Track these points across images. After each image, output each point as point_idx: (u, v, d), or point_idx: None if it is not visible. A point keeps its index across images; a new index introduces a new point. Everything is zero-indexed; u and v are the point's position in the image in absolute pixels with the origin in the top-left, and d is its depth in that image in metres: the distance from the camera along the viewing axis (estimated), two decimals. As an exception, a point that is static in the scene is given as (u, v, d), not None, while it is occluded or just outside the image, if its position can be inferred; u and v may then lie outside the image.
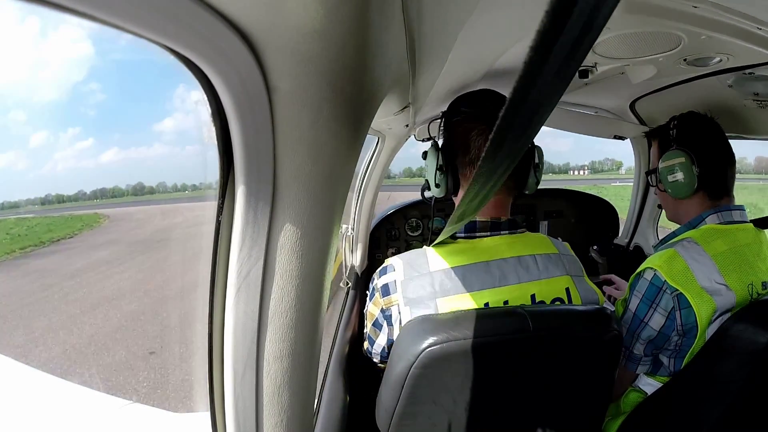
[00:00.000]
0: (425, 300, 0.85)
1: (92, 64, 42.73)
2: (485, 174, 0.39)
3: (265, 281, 0.48)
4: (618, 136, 1.87)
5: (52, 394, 1.45)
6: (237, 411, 0.52)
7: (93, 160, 40.43)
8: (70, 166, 31.08)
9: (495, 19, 0.76)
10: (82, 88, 50.65)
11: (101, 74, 43.04)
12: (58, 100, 31.45)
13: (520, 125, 0.31)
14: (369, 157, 1.75)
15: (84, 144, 41.06)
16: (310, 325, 0.52)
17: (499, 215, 0.93)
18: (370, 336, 0.98)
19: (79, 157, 37.26)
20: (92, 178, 28.47)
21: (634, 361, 1.04)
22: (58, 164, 31.02)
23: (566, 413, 0.91)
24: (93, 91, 50.74)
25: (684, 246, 1.01)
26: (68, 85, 39.38)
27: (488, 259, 0.88)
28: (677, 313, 0.96)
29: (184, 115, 66.60)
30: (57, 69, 27.00)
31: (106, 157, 42.05)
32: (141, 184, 17.24)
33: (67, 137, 37.62)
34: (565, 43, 0.22)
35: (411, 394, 0.78)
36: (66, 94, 37.22)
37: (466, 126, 0.90)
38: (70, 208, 17.91)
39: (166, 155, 46.87)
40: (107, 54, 26.16)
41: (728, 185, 1.08)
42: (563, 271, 0.91)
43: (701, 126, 1.10)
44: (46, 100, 27.50)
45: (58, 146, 29.58)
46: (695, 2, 0.77)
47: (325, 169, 0.47)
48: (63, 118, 28.40)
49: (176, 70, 0.37)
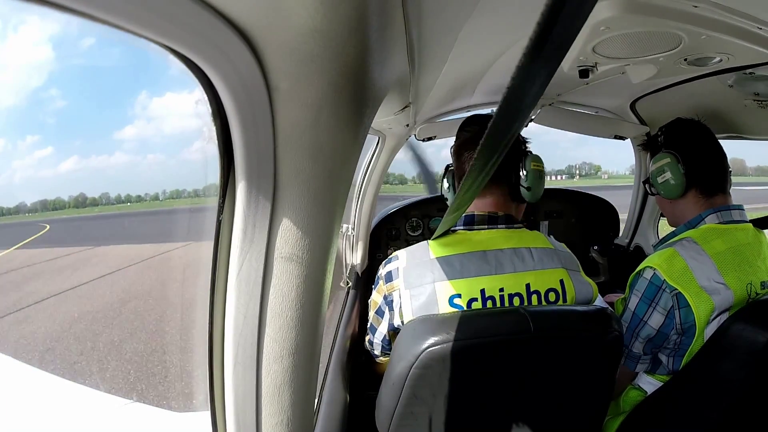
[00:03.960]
0: (424, 284, 0.89)
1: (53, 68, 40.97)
2: (478, 168, 0.46)
3: (265, 281, 0.48)
4: (618, 136, 1.87)
5: (52, 393, 1.45)
6: (237, 411, 0.52)
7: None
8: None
9: (494, 19, 0.76)
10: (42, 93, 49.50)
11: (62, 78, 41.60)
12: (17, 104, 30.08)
13: (509, 120, 0.36)
14: (369, 157, 1.75)
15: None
16: (310, 325, 0.52)
17: (496, 210, 0.98)
18: (372, 325, 1.01)
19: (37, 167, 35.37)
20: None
21: (633, 360, 1.04)
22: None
23: (567, 413, 0.91)
24: (53, 97, 49.80)
25: (683, 245, 1.01)
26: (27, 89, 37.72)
27: (485, 249, 0.92)
28: (676, 312, 0.97)
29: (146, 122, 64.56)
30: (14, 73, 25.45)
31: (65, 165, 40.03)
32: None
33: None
34: (549, 48, 0.26)
35: (411, 395, 0.78)
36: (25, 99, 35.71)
37: (470, 157, 1.01)
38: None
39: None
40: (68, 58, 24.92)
41: (721, 181, 1.09)
42: (558, 264, 0.94)
43: (685, 128, 1.13)
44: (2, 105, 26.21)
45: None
46: (695, 2, 0.77)
47: (325, 169, 0.47)
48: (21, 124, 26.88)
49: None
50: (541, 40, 0.25)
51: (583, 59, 1.12)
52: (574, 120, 1.83)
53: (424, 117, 1.53)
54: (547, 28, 0.24)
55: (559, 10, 0.23)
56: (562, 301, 0.92)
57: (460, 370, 0.78)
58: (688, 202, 1.11)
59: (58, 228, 7.61)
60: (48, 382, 1.63)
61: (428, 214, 2.15)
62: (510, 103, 0.33)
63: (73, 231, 14.02)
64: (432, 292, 0.88)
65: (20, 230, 5.42)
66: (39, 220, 7.18)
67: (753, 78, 1.17)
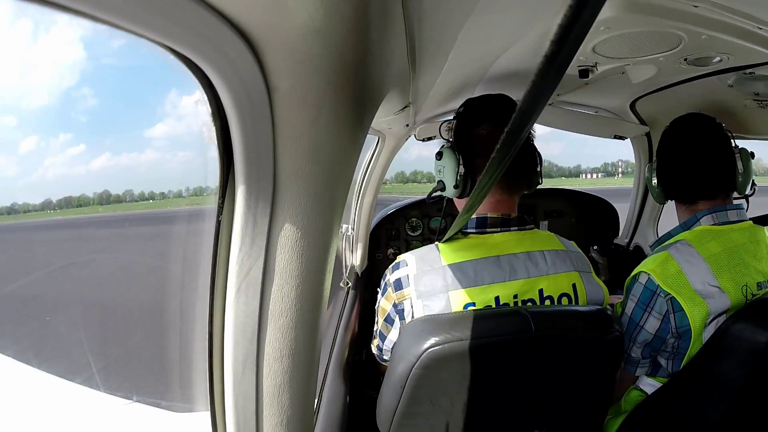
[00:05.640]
0: (437, 293, 0.86)
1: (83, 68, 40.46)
2: (494, 165, 0.47)
3: (265, 281, 0.48)
4: (618, 135, 1.87)
5: (51, 393, 1.45)
6: (237, 411, 0.52)
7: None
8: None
9: (495, 19, 0.76)
10: (74, 92, 48.66)
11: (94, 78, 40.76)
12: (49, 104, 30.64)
13: (522, 123, 0.37)
14: (369, 157, 1.75)
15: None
16: (310, 325, 0.52)
17: (509, 212, 0.95)
18: (381, 332, 0.98)
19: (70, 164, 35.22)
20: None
21: (632, 364, 1.04)
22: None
23: (568, 414, 0.91)
24: (85, 96, 49.02)
25: (677, 249, 1.01)
26: (59, 89, 37.64)
27: (499, 254, 0.90)
28: (671, 317, 0.96)
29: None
30: (48, 73, 25.91)
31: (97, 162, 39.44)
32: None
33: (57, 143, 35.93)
34: (565, 53, 0.28)
35: (412, 395, 0.78)
36: (57, 98, 35.66)
37: (488, 130, 0.92)
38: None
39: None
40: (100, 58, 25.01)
41: (705, 188, 1.06)
42: (571, 267, 0.93)
43: (673, 134, 1.11)
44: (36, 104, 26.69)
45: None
46: (695, 2, 0.77)
47: (325, 169, 0.47)
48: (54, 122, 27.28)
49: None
50: (555, 53, 0.27)
51: (583, 59, 1.12)
52: (574, 120, 1.83)
53: (424, 117, 1.53)
54: (566, 30, 0.25)
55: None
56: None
57: (462, 371, 0.78)
58: (679, 206, 1.13)
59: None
60: (48, 381, 1.63)
61: (428, 214, 2.15)
62: (528, 103, 0.34)
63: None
64: (446, 303, 0.86)
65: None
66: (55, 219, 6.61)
67: (753, 78, 1.17)
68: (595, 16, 0.25)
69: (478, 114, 0.96)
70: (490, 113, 0.94)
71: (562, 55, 0.27)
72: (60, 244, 6.23)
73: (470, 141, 0.95)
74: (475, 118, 0.95)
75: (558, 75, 0.31)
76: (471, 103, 0.99)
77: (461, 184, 0.92)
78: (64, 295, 6.01)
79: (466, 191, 0.93)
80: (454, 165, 0.92)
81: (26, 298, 5.38)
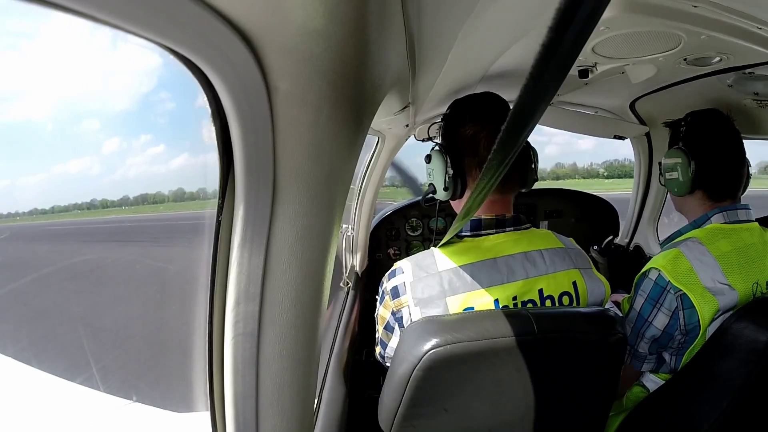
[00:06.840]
0: (435, 299, 0.86)
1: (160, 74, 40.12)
2: (494, 168, 0.45)
3: (265, 281, 0.48)
4: (618, 135, 1.87)
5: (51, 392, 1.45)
6: (237, 411, 0.52)
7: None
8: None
9: (495, 19, 0.76)
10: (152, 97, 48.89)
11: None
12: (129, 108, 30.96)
13: (522, 123, 0.36)
14: (369, 158, 1.75)
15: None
16: (310, 325, 0.52)
17: (503, 213, 0.93)
18: (382, 340, 0.98)
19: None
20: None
21: (639, 359, 1.05)
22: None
23: (569, 415, 0.90)
24: (163, 99, 49.34)
25: (688, 246, 1.01)
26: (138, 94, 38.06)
27: (495, 256, 0.89)
28: (680, 313, 0.97)
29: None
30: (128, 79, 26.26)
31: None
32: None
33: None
34: (561, 54, 0.27)
35: (413, 396, 0.77)
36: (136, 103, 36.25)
37: (474, 130, 0.91)
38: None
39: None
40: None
41: (732, 187, 1.08)
42: (570, 265, 0.92)
43: (709, 126, 1.10)
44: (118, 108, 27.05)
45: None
46: (695, 2, 0.77)
47: (325, 169, 0.47)
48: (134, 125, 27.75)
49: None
50: (554, 42, 0.26)
51: (583, 59, 1.13)
52: (573, 120, 1.83)
53: (424, 117, 1.53)
54: (561, 30, 0.24)
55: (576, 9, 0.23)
56: (576, 305, 0.90)
57: (464, 372, 0.78)
58: (694, 201, 1.11)
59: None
60: (47, 381, 1.63)
61: (428, 214, 2.15)
62: (524, 104, 0.33)
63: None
64: (444, 308, 0.85)
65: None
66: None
67: (753, 78, 1.17)
68: (595, 17, 0.25)
69: (463, 114, 0.94)
70: (475, 113, 0.93)
71: (562, 55, 0.27)
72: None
73: (457, 142, 0.94)
74: (461, 119, 0.94)
75: (559, 75, 0.31)
76: (456, 103, 0.97)
77: (451, 186, 0.92)
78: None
79: (457, 192, 0.93)
80: (442, 167, 0.92)
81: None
